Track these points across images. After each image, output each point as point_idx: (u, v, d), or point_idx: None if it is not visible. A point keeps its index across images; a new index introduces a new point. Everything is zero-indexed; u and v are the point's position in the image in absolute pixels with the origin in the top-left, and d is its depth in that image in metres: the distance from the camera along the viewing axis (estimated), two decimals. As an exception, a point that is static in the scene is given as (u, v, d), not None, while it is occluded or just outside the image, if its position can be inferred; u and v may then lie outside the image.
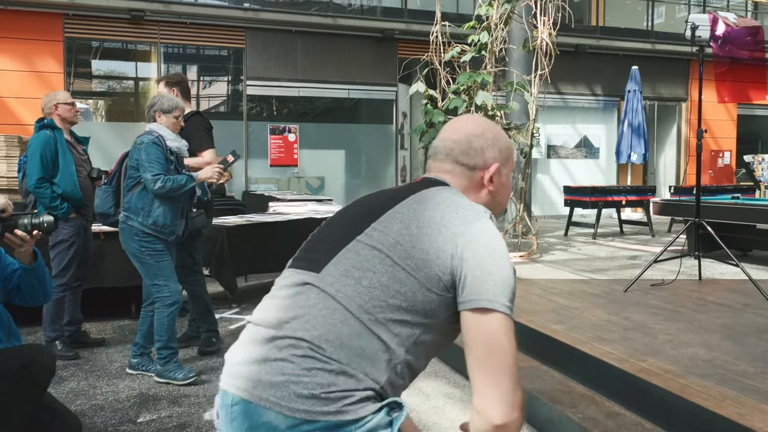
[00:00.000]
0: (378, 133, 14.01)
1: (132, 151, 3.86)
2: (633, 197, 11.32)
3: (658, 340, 3.65)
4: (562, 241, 10.64)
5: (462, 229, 1.30)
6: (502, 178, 1.49)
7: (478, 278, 1.26)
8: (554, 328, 3.91)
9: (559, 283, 5.82)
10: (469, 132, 1.47)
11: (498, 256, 1.29)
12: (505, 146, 1.49)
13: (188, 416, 3.40)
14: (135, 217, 3.80)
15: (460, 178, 1.45)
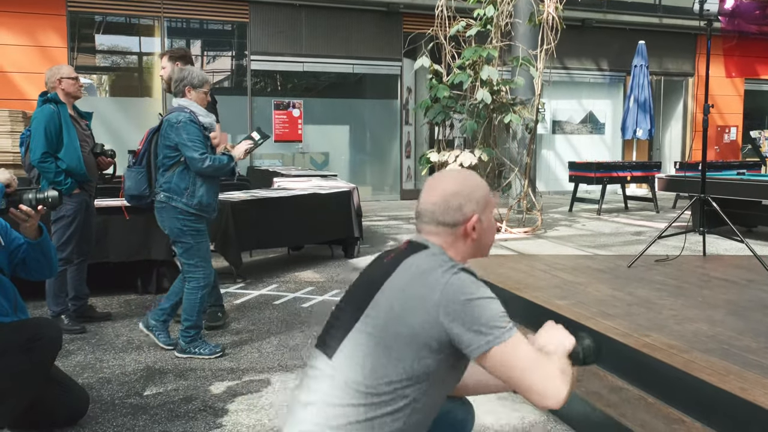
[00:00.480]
0: (383, 109, 13.94)
1: (167, 130, 3.76)
2: (638, 173, 11.26)
3: (662, 316, 3.65)
4: (566, 217, 10.62)
5: (437, 297, 1.45)
6: (484, 224, 1.60)
7: (470, 329, 1.43)
8: (558, 303, 3.91)
9: (564, 258, 5.82)
10: (446, 192, 1.58)
11: (476, 300, 1.45)
12: (482, 195, 1.60)
13: (194, 389, 3.43)
14: (178, 197, 3.76)
15: (444, 236, 1.58)
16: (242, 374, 3.67)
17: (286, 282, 6.00)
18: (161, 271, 5.54)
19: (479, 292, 1.46)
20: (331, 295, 5.49)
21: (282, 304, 5.24)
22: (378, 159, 14.02)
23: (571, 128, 15.43)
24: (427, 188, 1.62)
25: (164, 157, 3.79)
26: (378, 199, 13.48)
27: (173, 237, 3.82)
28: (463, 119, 8.28)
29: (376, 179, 14.09)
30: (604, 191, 11.00)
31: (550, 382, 1.43)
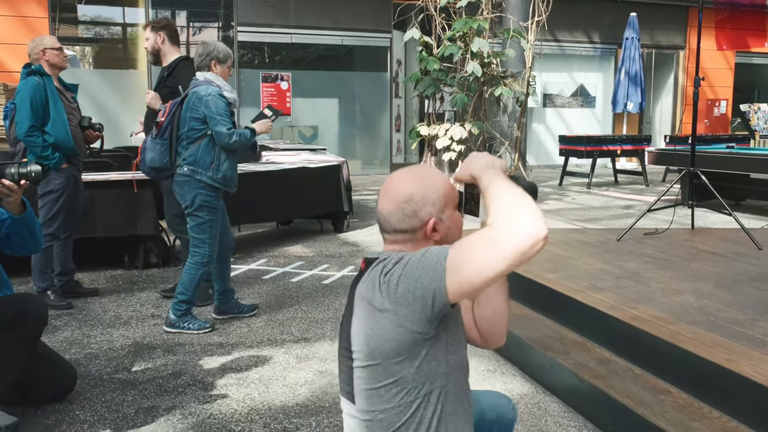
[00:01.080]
0: (372, 81, 13.84)
1: (195, 103, 3.78)
2: (628, 147, 11.28)
3: (650, 289, 3.68)
4: (556, 191, 10.65)
5: (388, 305, 1.41)
6: (446, 222, 1.54)
7: (420, 284, 1.36)
8: (548, 277, 3.94)
9: (554, 232, 5.84)
10: (399, 199, 1.52)
11: (407, 263, 1.40)
12: (439, 195, 1.53)
13: (183, 364, 3.44)
14: (204, 171, 3.80)
15: (405, 243, 1.54)
16: (231, 349, 3.67)
17: (275, 257, 5.99)
18: (148, 246, 5.51)
19: (410, 257, 1.41)
20: (321, 269, 5.50)
21: (271, 278, 5.24)
22: (367, 133, 13.95)
23: (562, 101, 15.40)
24: (382, 194, 1.57)
25: (190, 130, 3.81)
26: (368, 173, 13.45)
27: (190, 210, 3.84)
28: (453, 92, 8.24)
29: (365, 153, 14.05)
30: (594, 165, 11.02)
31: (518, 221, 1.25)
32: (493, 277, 1.27)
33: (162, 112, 3.93)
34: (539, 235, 1.23)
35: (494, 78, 8.25)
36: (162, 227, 5.59)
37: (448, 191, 1.55)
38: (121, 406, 2.94)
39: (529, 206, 1.26)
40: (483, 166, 1.43)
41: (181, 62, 4.40)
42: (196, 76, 3.93)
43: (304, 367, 3.41)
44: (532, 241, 1.23)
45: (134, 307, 4.47)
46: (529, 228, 1.23)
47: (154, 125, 3.93)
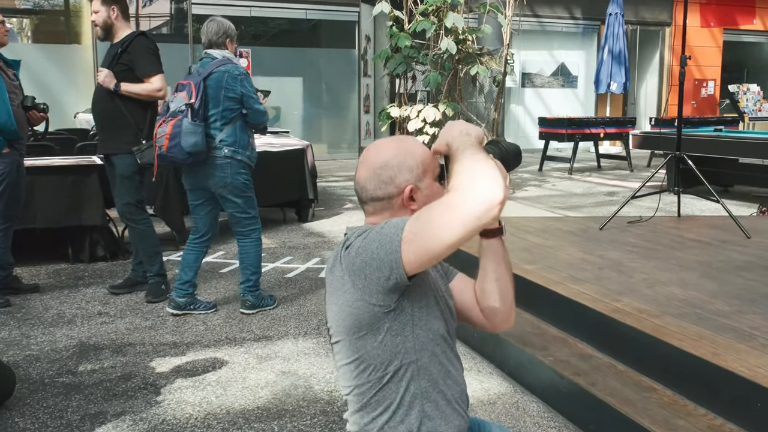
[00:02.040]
0: (339, 59, 13.77)
1: (229, 81, 3.93)
2: (612, 130, 11.41)
3: (633, 279, 3.73)
4: (536, 177, 10.73)
5: (348, 276, 1.47)
6: (425, 191, 1.58)
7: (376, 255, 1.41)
8: (527, 268, 3.97)
9: (533, 220, 5.89)
10: (375, 165, 1.57)
11: (367, 236, 1.45)
12: (417, 162, 1.58)
13: (133, 366, 3.40)
14: (243, 151, 4.03)
15: (382, 212, 1.58)
16: (186, 349, 3.64)
17: (234, 248, 5.95)
18: (94, 238, 5.43)
19: (371, 229, 1.46)
20: (284, 262, 5.47)
21: (229, 272, 5.20)
22: (334, 114, 13.90)
23: (542, 81, 15.50)
24: (360, 162, 1.62)
25: (225, 110, 3.96)
26: (335, 158, 13.41)
27: (237, 192, 4.06)
28: (426, 71, 8.23)
29: (332, 136, 14.00)
30: (576, 149, 11.13)
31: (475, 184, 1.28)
32: (450, 244, 1.31)
33: (185, 93, 3.91)
34: (494, 199, 1.27)
35: (470, 56, 8.26)
36: (110, 217, 5.51)
37: (427, 159, 1.59)
38: (64, 412, 2.90)
39: (487, 170, 1.30)
40: (457, 134, 1.47)
41: (137, 38, 4.32)
42: (210, 53, 4.06)
43: (265, 368, 3.39)
44: (487, 205, 1.27)
45: (79, 304, 4.40)
46: (483, 191, 1.27)
47: (187, 107, 3.89)
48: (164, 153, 3.91)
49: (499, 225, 1.61)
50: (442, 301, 1.58)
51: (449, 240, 1.30)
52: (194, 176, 4.06)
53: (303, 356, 3.56)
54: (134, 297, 4.56)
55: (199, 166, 3.99)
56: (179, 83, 4.01)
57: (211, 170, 3.98)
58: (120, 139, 4.29)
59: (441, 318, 1.56)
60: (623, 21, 12.54)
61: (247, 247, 4.19)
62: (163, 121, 3.94)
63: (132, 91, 4.25)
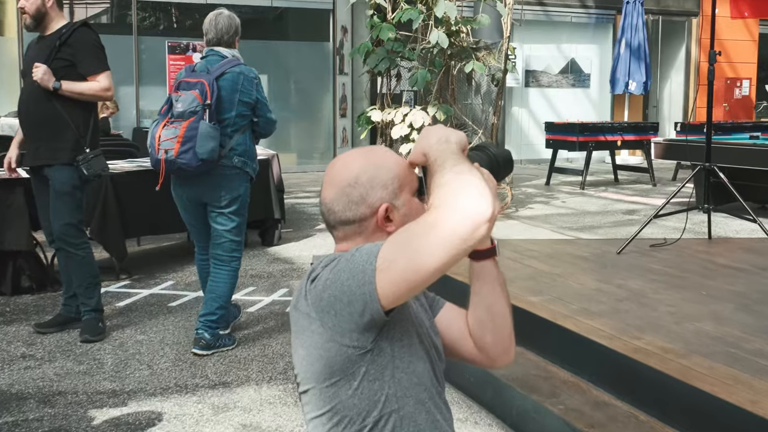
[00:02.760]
0: (310, 53, 13.81)
1: (245, 84, 4.12)
2: (631, 137, 11.51)
3: (657, 313, 3.75)
4: (542, 192, 10.79)
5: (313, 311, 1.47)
6: (402, 209, 1.58)
7: (346, 286, 1.41)
8: (531, 300, 3.98)
9: (539, 243, 5.91)
10: (343, 182, 1.58)
11: (334, 266, 1.45)
12: (391, 176, 1.58)
13: (64, 419, 3.36)
14: (251, 162, 4.23)
15: (354, 237, 1.58)
16: (128, 398, 3.61)
17: (186, 277, 5.92)
18: (18, 266, 5.38)
19: (340, 258, 1.47)
20: (246, 293, 5.45)
21: (180, 306, 5.18)
22: (305, 118, 13.92)
23: (549, 80, 15.64)
24: (325, 180, 1.62)
25: (238, 116, 4.14)
26: (305, 170, 13.41)
27: (238, 210, 4.22)
28: (413, 68, 8.27)
29: (302, 144, 14.00)
30: (589, 159, 11.21)
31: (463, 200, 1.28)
32: (433, 271, 1.31)
33: (197, 91, 4.00)
34: (482, 216, 1.27)
35: (464, 50, 8.32)
36: (37, 241, 5.46)
37: (404, 172, 1.59)
38: (-20, 475, 2.86)
39: (472, 182, 1.31)
40: (435, 142, 1.47)
41: (79, 30, 4.32)
42: (218, 51, 4.20)
43: (222, 420, 3.37)
44: (473, 223, 1.27)
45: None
46: (468, 207, 1.27)
47: (204, 108, 3.98)
48: (173, 159, 3.99)
49: (491, 244, 1.63)
50: (426, 338, 1.58)
51: (431, 266, 1.30)
52: (194, 189, 4.16)
53: (267, 406, 3.53)
54: (65, 336, 4.51)
55: (204, 176, 4.08)
56: (183, 81, 4.10)
57: (219, 181, 4.10)
58: (58, 148, 4.26)
59: (426, 358, 1.55)
60: (643, 10, 12.71)
61: (222, 276, 4.23)
62: (167, 122, 4.03)
63: (75, 91, 4.24)
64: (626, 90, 12.93)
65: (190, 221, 4.37)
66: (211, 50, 4.22)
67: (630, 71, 12.72)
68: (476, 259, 1.61)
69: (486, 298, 1.64)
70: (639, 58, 12.69)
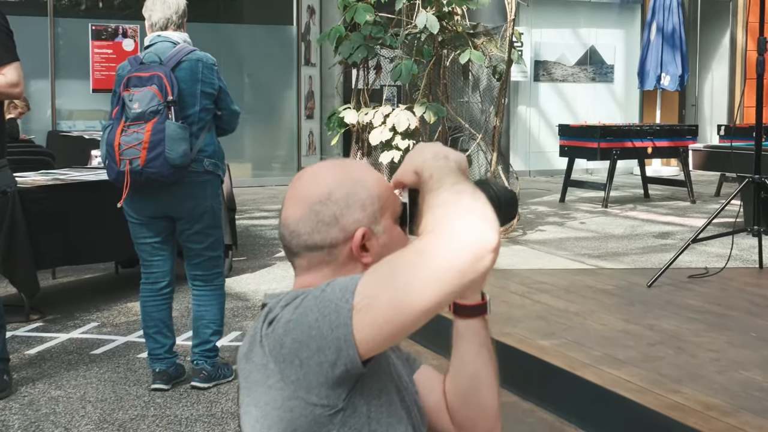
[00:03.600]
0: (269, 39, 13.83)
1: (203, 73, 4.24)
2: (664, 143, 11.58)
3: (697, 360, 3.76)
4: (556, 210, 10.82)
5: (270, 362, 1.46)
6: (382, 237, 1.59)
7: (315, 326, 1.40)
8: (542, 344, 3.98)
9: (552, 274, 5.92)
10: (312, 198, 1.58)
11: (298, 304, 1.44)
12: (370, 195, 1.59)
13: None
14: (222, 164, 4.40)
15: (320, 268, 1.58)
16: (39, 469, 3.57)
17: (113, 318, 5.88)
18: None
19: (306, 294, 1.46)
20: (188, 337, 5.42)
21: (106, 354, 5.14)
22: (262, 120, 13.91)
23: (563, 73, 15.72)
24: (288, 195, 1.63)
25: (203, 110, 4.26)
26: (262, 184, 13.39)
27: (213, 222, 4.39)
28: (396, 58, 8.30)
29: (259, 152, 13.98)
30: (614, 171, 11.25)
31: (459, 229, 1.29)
32: (423, 310, 1.30)
33: (155, 87, 4.07)
34: (485, 245, 1.27)
35: (458, 37, 8.36)
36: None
37: (385, 193, 1.59)
38: None
39: (475, 207, 1.31)
40: (430, 157, 1.48)
41: None
42: (167, 37, 4.29)
43: (158, 496, 3.34)
44: (473, 253, 1.26)
45: None
46: (468, 234, 1.27)
47: (168, 105, 4.06)
48: (140, 169, 4.04)
49: (482, 299, 1.63)
50: (408, 395, 1.58)
51: (422, 305, 1.29)
52: (158, 203, 4.22)
53: (215, 479, 3.50)
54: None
55: (172, 186, 4.15)
56: (133, 76, 4.13)
57: (190, 191, 4.21)
58: None
59: (407, 420, 1.55)
60: (677, -12, 12.81)
61: (208, 298, 4.43)
62: (123, 126, 4.07)
63: None
64: (658, 85, 13.03)
65: (148, 242, 4.39)
66: (158, 36, 4.26)
67: (663, 62, 12.81)
68: (462, 315, 1.62)
69: (470, 364, 1.64)
70: (673, 46, 12.79)
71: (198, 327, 4.44)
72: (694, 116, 16.47)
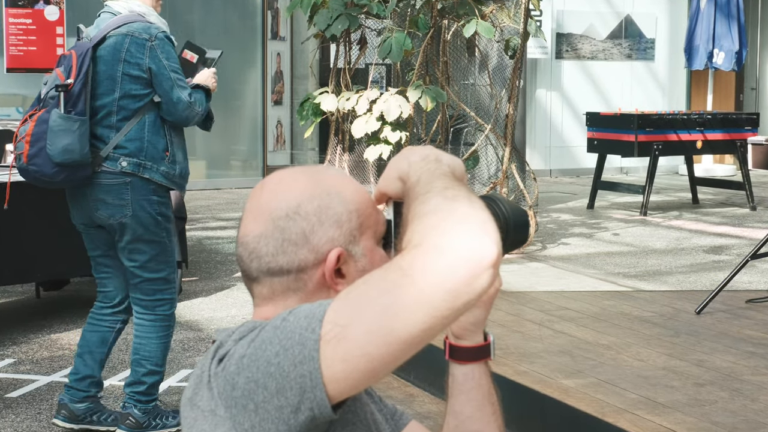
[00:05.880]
0: (229, 7, 13.84)
1: (129, 50, 4.24)
2: (717, 135, 11.59)
3: (758, 405, 3.78)
4: (583, 219, 10.83)
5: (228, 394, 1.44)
6: (361, 261, 1.59)
7: (285, 339, 1.39)
8: (566, 384, 3.99)
9: (578, 298, 5.93)
10: (276, 212, 1.57)
11: (281, 316, 1.43)
12: (347, 211, 1.59)
13: None
14: (155, 165, 4.33)
15: (286, 297, 1.58)
16: None
17: (34, 352, 5.88)
18: None
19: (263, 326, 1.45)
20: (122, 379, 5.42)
21: (24, 397, 5.14)
22: (220, 106, 13.87)
23: (592, 49, 15.76)
24: (247, 208, 1.63)
25: (125, 96, 4.26)
26: (218, 187, 13.41)
27: (142, 234, 4.33)
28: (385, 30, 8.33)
29: (214, 147, 13.98)
30: (654, 170, 11.26)
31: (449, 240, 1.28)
32: (408, 341, 1.28)
33: (63, 68, 4.12)
34: (481, 260, 1.25)
35: (463, 4, 8.39)
36: None
37: (367, 208, 1.59)
38: None
39: (471, 214, 1.29)
40: (419, 159, 1.48)
41: None
42: (112, 6, 4.37)
43: None
44: (468, 269, 1.24)
45: None
46: (461, 247, 1.25)
47: (60, 91, 4.08)
48: (24, 165, 4.12)
49: (485, 340, 1.64)
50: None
51: (406, 333, 1.27)
52: (80, 207, 4.32)
53: None
54: None
55: (83, 188, 4.19)
56: (61, 55, 4.23)
57: (102, 195, 4.22)
58: None
59: None
60: (733, -56, 12.86)
61: (147, 329, 4.43)
62: (29, 116, 4.15)
63: None
64: (710, 64, 13.06)
65: (91, 254, 4.53)
66: (106, 6, 4.35)
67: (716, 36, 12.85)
68: (460, 359, 1.63)
69: (469, 423, 1.64)
70: (729, 16, 12.83)
71: (132, 363, 4.47)
72: (754, 102, 16.52)
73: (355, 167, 8.52)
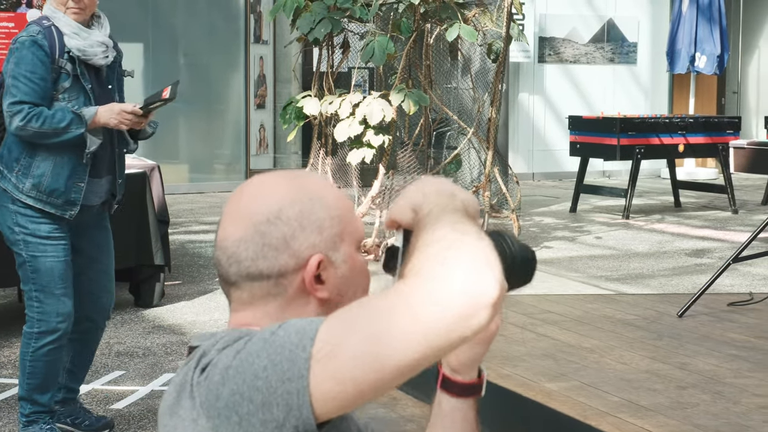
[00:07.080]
0: (212, 10, 13.80)
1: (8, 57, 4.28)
2: (699, 138, 11.60)
3: (739, 408, 3.78)
4: (566, 222, 10.84)
5: (211, 404, 1.43)
6: (341, 268, 1.59)
7: (273, 352, 1.39)
8: (549, 388, 3.99)
9: (561, 302, 5.93)
10: (257, 216, 1.58)
11: (270, 328, 1.42)
12: (329, 217, 1.59)
13: None
14: (8, 174, 4.27)
15: (265, 302, 1.58)
16: None
17: (14, 355, 5.86)
18: None
19: (249, 337, 1.45)
20: (108, 381, 5.40)
21: (5, 402, 5.13)
22: (202, 110, 13.87)
23: (575, 53, 15.76)
24: (226, 212, 1.63)
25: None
26: (201, 190, 13.36)
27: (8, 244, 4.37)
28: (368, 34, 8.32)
29: (197, 151, 13.93)
30: (637, 173, 11.26)
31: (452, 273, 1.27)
32: (398, 369, 1.28)
33: None
34: (481, 299, 1.24)
35: (445, 8, 8.39)
36: None
37: (347, 215, 1.60)
38: None
39: (477, 249, 1.29)
40: (433, 191, 1.46)
41: None
42: (28, 14, 4.43)
43: None
44: (465, 307, 1.24)
45: None
46: (462, 283, 1.25)
47: None
48: None
49: (478, 378, 1.64)
50: None
51: (398, 361, 1.27)
52: None
53: None
54: None
55: None
56: None
57: None
58: None
59: None
60: (715, -52, 12.89)
61: (22, 341, 4.40)
62: None
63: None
64: (692, 68, 13.08)
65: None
66: None
67: (698, 40, 12.87)
68: (451, 393, 1.63)
69: (450, 427, 1.65)
70: (711, 20, 12.85)
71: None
72: (736, 106, 16.54)
73: (338, 171, 8.51)
